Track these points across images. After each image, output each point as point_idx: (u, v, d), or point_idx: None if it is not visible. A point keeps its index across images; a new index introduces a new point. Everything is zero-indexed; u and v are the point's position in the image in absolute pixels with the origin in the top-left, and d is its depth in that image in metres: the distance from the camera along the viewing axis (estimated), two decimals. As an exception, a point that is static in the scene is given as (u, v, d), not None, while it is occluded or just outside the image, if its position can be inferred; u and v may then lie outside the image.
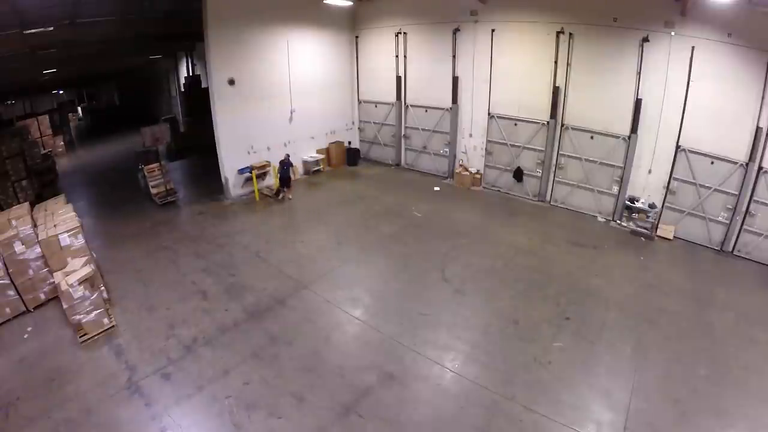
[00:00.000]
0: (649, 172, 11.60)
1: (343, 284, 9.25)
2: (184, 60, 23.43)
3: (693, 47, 10.14)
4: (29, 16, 9.23)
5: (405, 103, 16.56)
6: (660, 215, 11.53)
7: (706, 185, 10.67)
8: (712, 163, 10.47)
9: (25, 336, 7.78)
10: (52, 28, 10.02)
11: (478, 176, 15.05)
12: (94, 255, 9.33)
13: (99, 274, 8.72)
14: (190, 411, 6.14)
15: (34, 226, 8.62)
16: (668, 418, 5.95)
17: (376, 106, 17.45)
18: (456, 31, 14.25)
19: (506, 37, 13.26)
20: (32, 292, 8.42)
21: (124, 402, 6.26)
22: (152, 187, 14.13)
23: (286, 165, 13.78)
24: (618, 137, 11.79)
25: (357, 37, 17.13)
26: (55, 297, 8.38)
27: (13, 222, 8.41)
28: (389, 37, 16.04)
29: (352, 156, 17.76)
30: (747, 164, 9.94)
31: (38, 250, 8.30)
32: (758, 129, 9.64)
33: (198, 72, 22.54)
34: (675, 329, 7.80)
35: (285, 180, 13.86)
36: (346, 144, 17.81)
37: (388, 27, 16.00)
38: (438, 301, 8.70)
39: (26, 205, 9.76)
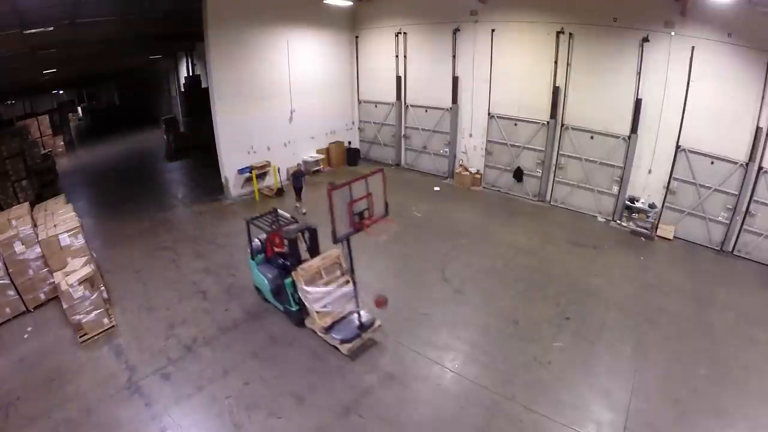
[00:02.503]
0: (649, 172, 11.60)
1: (343, 284, 9.23)
2: (184, 60, 23.41)
3: (693, 47, 10.13)
4: (29, 16, 9.22)
5: (405, 103, 16.55)
6: (660, 215, 11.52)
7: (706, 185, 10.67)
8: (712, 163, 10.47)
9: (25, 336, 7.79)
10: (52, 28, 10.01)
11: (478, 176, 15.04)
12: (94, 255, 9.33)
13: (99, 274, 8.72)
14: (190, 411, 6.14)
15: (34, 226, 8.63)
16: (668, 418, 5.95)
17: (376, 106, 17.44)
18: (456, 31, 14.24)
19: (506, 37, 13.25)
20: (32, 292, 8.42)
21: (124, 402, 6.27)
22: (319, 313, 7.20)
23: (300, 175, 13.16)
24: (618, 137, 11.79)
25: (357, 37, 17.12)
26: (55, 297, 8.38)
27: (13, 222, 8.42)
28: (389, 37, 16.02)
29: (352, 156, 17.75)
30: (747, 164, 9.94)
31: (38, 250, 8.31)
32: (758, 129, 9.64)
33: (198, 72, 22.53)
34: (675, 329, 7.80)
35: (299, 190, 13.11)
36: (346, 144, 17.80)
37: (388, 27, 15.98)
38: (438, 300, 8.70)
39: (26, 205, 9.77)
